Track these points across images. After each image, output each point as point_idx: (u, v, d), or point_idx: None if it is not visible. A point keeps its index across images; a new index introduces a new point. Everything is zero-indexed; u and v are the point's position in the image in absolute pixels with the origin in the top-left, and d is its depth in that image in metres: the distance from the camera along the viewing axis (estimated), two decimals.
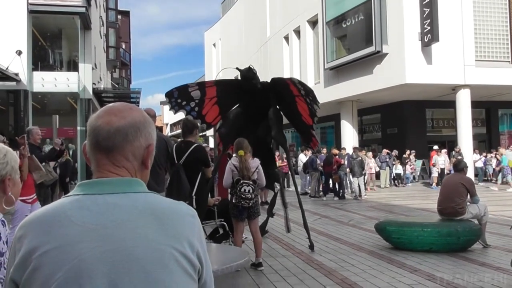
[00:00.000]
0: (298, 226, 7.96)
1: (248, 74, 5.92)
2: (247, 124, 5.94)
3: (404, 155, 16.95)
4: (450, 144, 18.23)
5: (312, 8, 19.58)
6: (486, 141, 20.62)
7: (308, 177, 14.53)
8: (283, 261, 5.26)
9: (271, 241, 6.50)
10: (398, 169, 16.61)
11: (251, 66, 6.08)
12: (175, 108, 6.16)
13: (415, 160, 17.38)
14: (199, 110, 6.23)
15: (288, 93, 5.62)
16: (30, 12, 14.25)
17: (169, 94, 6.13)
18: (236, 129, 5.84)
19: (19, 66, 13.59)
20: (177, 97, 6.12)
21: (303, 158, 14.90)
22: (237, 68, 6.32)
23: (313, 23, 20.35)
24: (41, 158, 6.29)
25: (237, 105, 6.18)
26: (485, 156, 17.47)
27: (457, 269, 4.80)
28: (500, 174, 15.61)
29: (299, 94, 5.42)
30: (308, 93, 5.28)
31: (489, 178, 17.82)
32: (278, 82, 5.99)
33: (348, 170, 13.25)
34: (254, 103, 6.00)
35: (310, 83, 20.64)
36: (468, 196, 5.80)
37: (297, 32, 21.71)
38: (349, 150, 14.99)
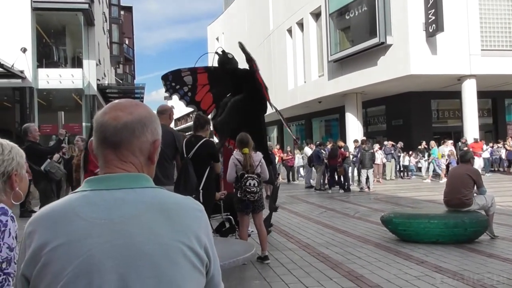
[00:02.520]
0: (305, 220, 7.98)
1: (223, 58, 5.88)
2: (239, 115, 5.77)
3: (419, 147, 16.64)
4: (456, 135, 18.12)
5: (315, 0, 19.43)
6: (493, 131, 20.46)
7: (313, 170, 14.53)
8: (289, 254, 5.28)
9: (277, 235, 6.51)
10: (406, 161, 16.54)
11: (224, 50, 6.03)
12: (169, 91, 6.46)
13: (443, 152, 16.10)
14: (192, 96, 6.44)
15: (252, 71, 5.62)
16: (34, 9, 14.29)
17: (164, 77, 6.44)
18: (229, 120, 5.74)
19: (24, 63, 13.66)
20: (172, 81, 6.40)
21: (308, 151, 14.89)
22: (216, 53, 6.28)
23: (316, 15, 20.20)
24: (49, 151, 6.36)
25: (229, 94, 6.12)
26: (492, 147, 17.34)
27: (465, 261, 4.78)
28: (431, 166, 15.59)
29: (256, 67, 5.45)
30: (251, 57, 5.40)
31: (497, 168, 17.70)
32: (249, 61, 5.81)
33: (358, 162, 13.23)
34: (241, 92, 5.89)
35: (314, 76, 20.57)
36: (475, 187, 5.76)
37: (300, 24, 21.57)
38: (352, 143, 14.96)
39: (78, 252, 0.82)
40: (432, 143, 15.62)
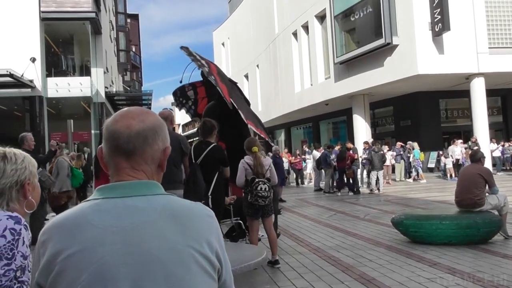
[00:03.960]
0: (315, 223, 7.94)
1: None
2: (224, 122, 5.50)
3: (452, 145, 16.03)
4: (466, 134, 17.92)
5: (320, 2, 19.44)
6: (503, 130, 20.20)
7: (323, 173, 14.48)
8: (300, 258, 5.25)
9: (287, 239, 6.49)
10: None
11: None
12: (179, 106, 6.94)
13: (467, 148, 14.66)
14: (195, 109, 6.85)
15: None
16: (42, 19, 14.51)
17: (174, 93, 6.93)
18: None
19: (34, 73, 13.86)
20: (179, 96, 6.84)
21: (316, 154, 14.84)
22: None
23: (321, 17, 20.21)
24: (41, 161, 6.48)
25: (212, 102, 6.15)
26: (503, 145, 17.13)
27: (478, 262, 4.72)
28: (413, 168, 15.64)
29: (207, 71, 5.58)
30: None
31: (508, 167, 17.46)
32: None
33: (368, 163, 13.13)
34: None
35: (320, 78, 20.55)
36: (487, 187, 5.69)
37: (306, 27, 21.58)
38: (360, 144, 14.87)
39: (91, 260, 0.83)
40: (415, 144, 15.64)
